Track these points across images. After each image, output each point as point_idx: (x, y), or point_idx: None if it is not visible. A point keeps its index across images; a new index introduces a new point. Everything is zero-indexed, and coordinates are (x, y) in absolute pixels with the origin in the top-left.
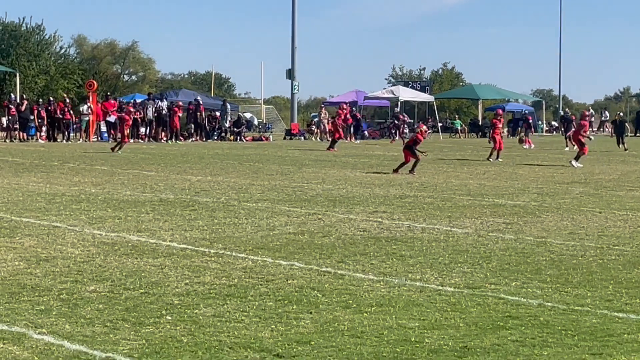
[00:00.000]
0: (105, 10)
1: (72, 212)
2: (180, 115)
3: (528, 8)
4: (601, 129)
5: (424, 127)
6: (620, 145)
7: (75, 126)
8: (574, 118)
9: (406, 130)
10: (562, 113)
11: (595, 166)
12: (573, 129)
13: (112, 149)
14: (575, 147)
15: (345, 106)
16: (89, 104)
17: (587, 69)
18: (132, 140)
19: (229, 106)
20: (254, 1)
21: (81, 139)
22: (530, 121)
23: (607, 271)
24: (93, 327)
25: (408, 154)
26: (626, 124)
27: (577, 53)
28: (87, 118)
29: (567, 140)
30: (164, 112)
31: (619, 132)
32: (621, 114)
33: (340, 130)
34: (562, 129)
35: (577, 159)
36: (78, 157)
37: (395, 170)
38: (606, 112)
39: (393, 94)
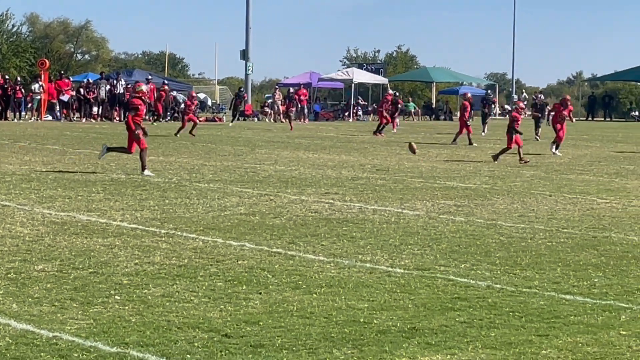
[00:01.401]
0: None
1: (21, 191)
2: (164, 97)
3: None
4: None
5: (521, 104)
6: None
7: (28, 105)
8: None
9: (360, 113)
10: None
11: (546, 150)
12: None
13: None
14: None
15: (391, 92)
16: (40, 83)
17: (540, 54)
18: (84, 120)
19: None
20: None
21: (32, 118)
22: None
23: (555, 254)
24: (40, 307)
25: (510, 138)
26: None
27: (530, 37)
28: (38, 97)
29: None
30: (119, 91)
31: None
32: (541, 96)
33: (388, 115)
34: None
35: (557, 147)
36: (29, 136)
37: (496, 158)
38: (541, 96)
39: (347, 75)
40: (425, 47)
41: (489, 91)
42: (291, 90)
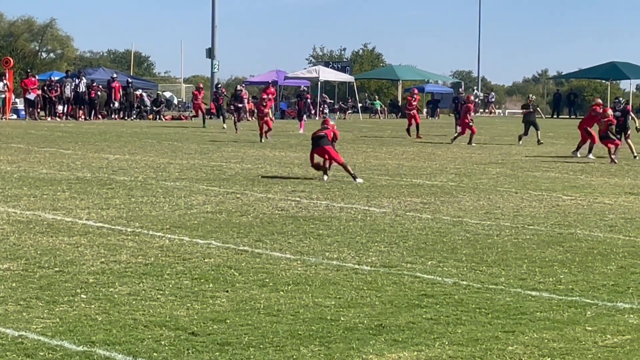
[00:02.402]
0: None
1: None
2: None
3: None
4: (487, 111)
5: (599, 100)
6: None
7: None
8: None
9: (326, 110)
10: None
11: (512, 147)
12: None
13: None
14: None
15: (417, 91)
16: (5, 81)
17: (506, 51)
18: (49, 119)
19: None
20: None
21: None
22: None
23: (521, 250)
24: (6, 306)
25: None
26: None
27: (496, 35)
28: (3, 95)
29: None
30: (81, 90)
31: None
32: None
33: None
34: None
35: (589, 150)
36: None
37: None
38: (492, 94)
39: (314, 74)
40: (391, 45)
41: (461, 89)
42: (239, 88)
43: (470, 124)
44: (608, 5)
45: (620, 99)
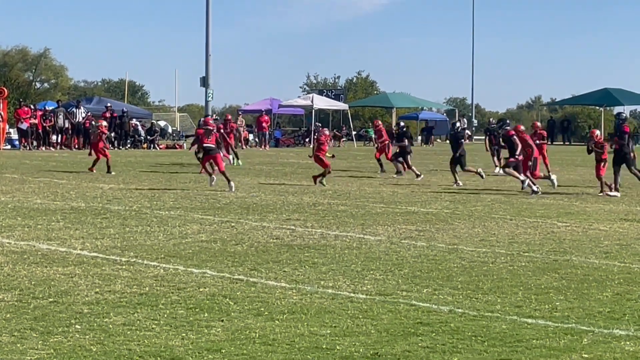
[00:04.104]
0: (17, 17)
1: None
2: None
3: (442, 18)
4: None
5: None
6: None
7: None
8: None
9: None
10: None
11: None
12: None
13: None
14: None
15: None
16: None
17: (499, 78)
18: (43, 148)
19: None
20: (167, 9)
21: None
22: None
23: (517, 277)
24: (0, 337)
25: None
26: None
27: (489, 62)
28: None
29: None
30: (78, 120)
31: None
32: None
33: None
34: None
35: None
36: None
37: None
38: (464, 120)
39: (308, 102)
40: (386, 73)
41: (492, 119)
42: (229, 117)
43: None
44: (601, 33)
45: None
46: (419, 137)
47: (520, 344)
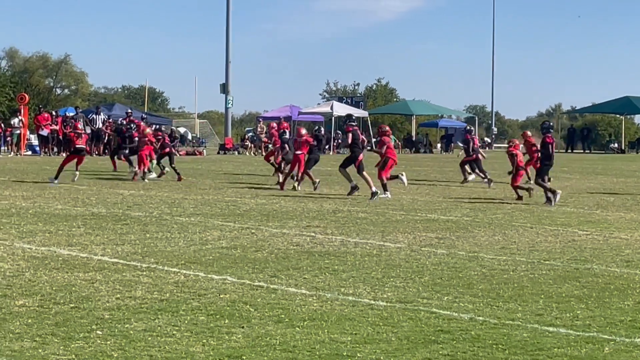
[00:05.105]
0: (38, 23)
1: (1, 226)
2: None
3: (462, 25)
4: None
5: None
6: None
7: (7, 139)
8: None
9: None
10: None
11: (527, 182)
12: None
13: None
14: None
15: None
16: (20, 117)
17: (519, 86)
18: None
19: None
20: (188, 15)
21: (12, 153)
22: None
23: (537, 285)
24: (22, 342)
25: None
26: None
27: (510, 70)
28: (18, 131)
29: None
30: (97, 126)
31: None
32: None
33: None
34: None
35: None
36: (9, 171)
37: None
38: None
39: (327, 109)
40: (405, 80)
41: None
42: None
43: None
44: (622, 40)
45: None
46: (439, 145)
47: (541, 352)
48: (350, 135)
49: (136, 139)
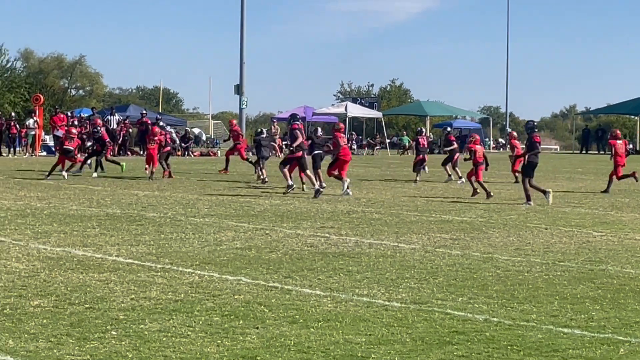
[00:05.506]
0: (53, 24)
1: (17, 226)
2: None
3: (476, 26)
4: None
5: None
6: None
7: (22, 140)
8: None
9: (354, 147)
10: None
11: (542, 183)
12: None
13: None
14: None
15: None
16: (35, 118)
17: (534, 87)
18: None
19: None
20: (202, 16)
21: (27, 154)
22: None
23: (552, 287)
24: (37, 343)
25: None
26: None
27: (524, 71)
28: (33, 132)
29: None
30: (112, 127)
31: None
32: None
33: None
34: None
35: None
36: (24, 172)
37: None
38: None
39: (341, 109)
40: (419, 81)
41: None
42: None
43: None
44: (636, 41)
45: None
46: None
47: (556, 353)
48: (298, 133)
49: (108, 140)
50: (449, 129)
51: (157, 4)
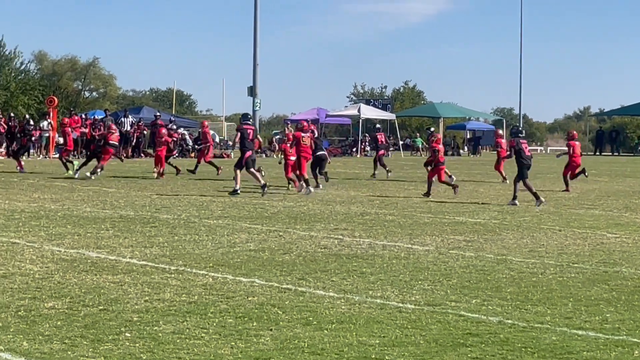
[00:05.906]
0: (66, 27)
1: (31, 228)
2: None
3: (489, 27)
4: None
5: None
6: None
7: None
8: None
9: (367, 148)
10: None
11: (556, 184)
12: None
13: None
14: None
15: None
16: (49, 120)
17: (547, 88)
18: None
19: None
20: (215, 18)
21: (41, 155)
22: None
23: (566, 289)
24: (51, 344)
25: None
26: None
27: (537, 72)
28: (47, 134)
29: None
30: (126, 129)
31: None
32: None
33: None
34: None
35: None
36: (38, 173)
37: None
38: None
39: (355, 111)
40: (432, 83)
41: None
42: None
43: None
44: None
45: None
46: (466, 147)
47: (570, 355)
48: (238, 134)
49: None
50: (377, 126)
51: (171, 6)
